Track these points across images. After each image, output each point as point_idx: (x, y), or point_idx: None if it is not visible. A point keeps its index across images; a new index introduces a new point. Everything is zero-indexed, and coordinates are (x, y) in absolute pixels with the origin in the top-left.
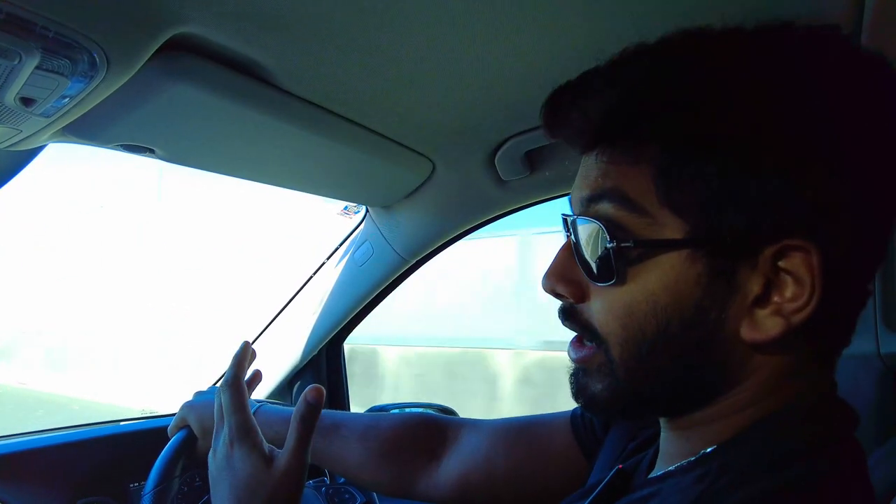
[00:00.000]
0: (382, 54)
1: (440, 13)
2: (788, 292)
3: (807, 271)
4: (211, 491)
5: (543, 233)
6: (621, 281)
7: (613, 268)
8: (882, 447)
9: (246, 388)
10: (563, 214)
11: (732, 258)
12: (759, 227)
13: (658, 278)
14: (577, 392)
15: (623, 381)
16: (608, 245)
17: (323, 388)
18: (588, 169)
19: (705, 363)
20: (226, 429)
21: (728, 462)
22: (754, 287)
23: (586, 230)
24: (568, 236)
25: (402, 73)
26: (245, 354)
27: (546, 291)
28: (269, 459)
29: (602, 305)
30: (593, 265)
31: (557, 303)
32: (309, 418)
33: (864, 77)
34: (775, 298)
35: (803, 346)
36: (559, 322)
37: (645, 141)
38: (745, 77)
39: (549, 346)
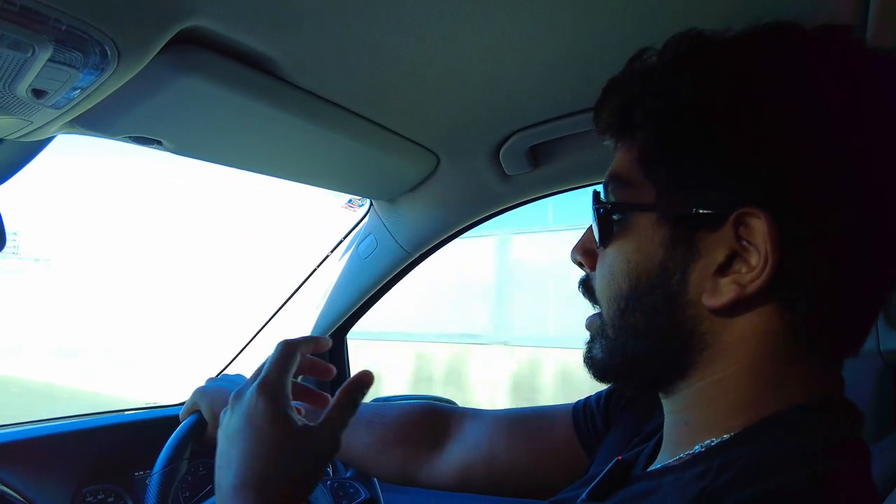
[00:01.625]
0: (389, 49)
1: (447, 8)
2: (753, 260)
3: (761, 241)
4: (220, 451)
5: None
6: (608, 243)
7: (601, 231)
8: (880, 443)
9: (297, 360)
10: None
11: (691, 226)
12: (718, 199)
13: (632, 239)
14: (585, 357)
15: (612, 339)
16: (600, 211)
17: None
18: (613, 159)
19: (672, 325)
20: (257, 384)
21: (730, 460)
22: (718, 256)
23: (593, 205)
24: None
25: (408, 67)
26: (321, 346)
27: (574, 263)
28: (300, 427)
29: (599, 270)
30: (596, 234)
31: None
32: (355, 393)
33: (796, 59)
34: (739, 267)
35: (782, 326)
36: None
37: (635, 129)
38: (703, 67)
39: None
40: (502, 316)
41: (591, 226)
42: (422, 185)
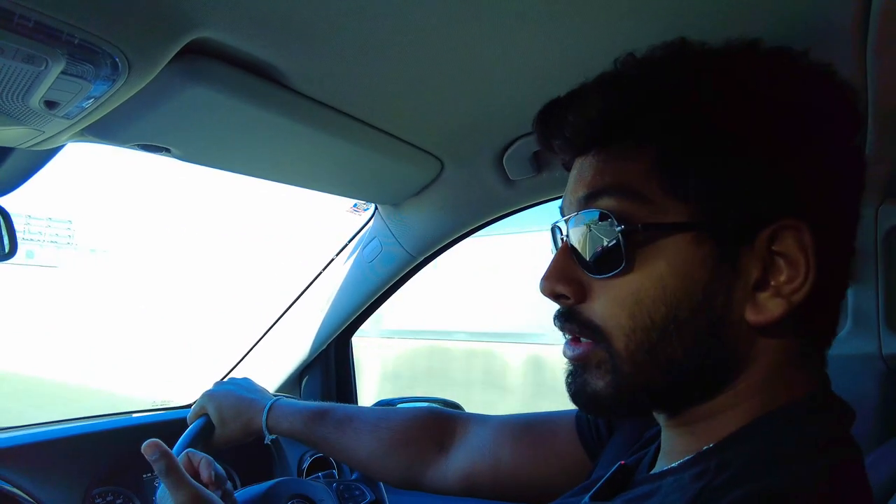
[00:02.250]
0: (394, 57)
1: (451, 16)
2: (783, 275)
3: (800, 252)
4: None
5: None
6: (629, 268)
7: (622, 254)
8: (883, 446)
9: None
10: (555, 223)
11: (735, 241)
12: (757, 210)
13: (666, 262)
14: (576, 392)
15: (628, 375)
16: (617, 229)
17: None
18: (582, 170)
19: (716, 349)
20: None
21: (727, 459)
22: (754, 271)
23: (584, 227)
24: (562, 240)
25: (412, 74)
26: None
27: (545, 295)
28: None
29: (606, 299)
30: (597, 258)
31: None
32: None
33: (815, 87)
34: (772, 282)
35: (801, 331)
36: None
37: (642, 137)
38: (734, 80)
39: None
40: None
41: (560, 253)
42: (426, 190)
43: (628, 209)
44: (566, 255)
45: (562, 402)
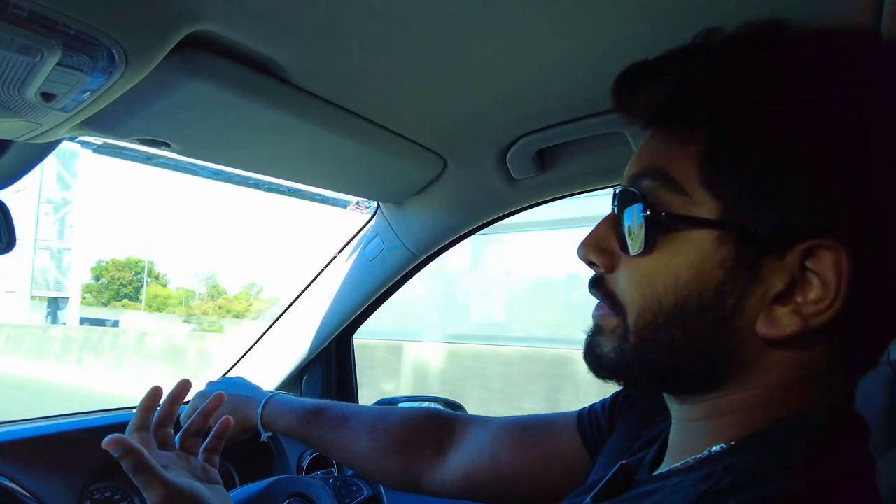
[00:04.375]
0: (396, 52)
1: (454, 12)
2: (813, 294)
3: (834, 274)
4: None
5: None
6: (649, 251)
7: (644, 237)
8: (890, 453)
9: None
10: (615, 190)
11: (759, 249)
12: (792, 223)
13: (684, 254)
14: (587, 350)
15: (632, 346)
16: (643, 214)
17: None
18: (644, 146)
19: (716, 348)
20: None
21: (733, 464)
22: (778, 283)
23: (627, 203)
24: (613, 208)
25: (415, 70)
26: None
27: (581, 259)
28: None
29: (627, 275)
30: (627, 235)
31: None
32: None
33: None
34: (798, 298)
35: (823, 352)
36: None
37: (696, 124)
38: (802, 79)
39: None
40: None
41: (604, 222)
42: (428, 188)
43: (662, 196)
44: (608, 225)
45: None
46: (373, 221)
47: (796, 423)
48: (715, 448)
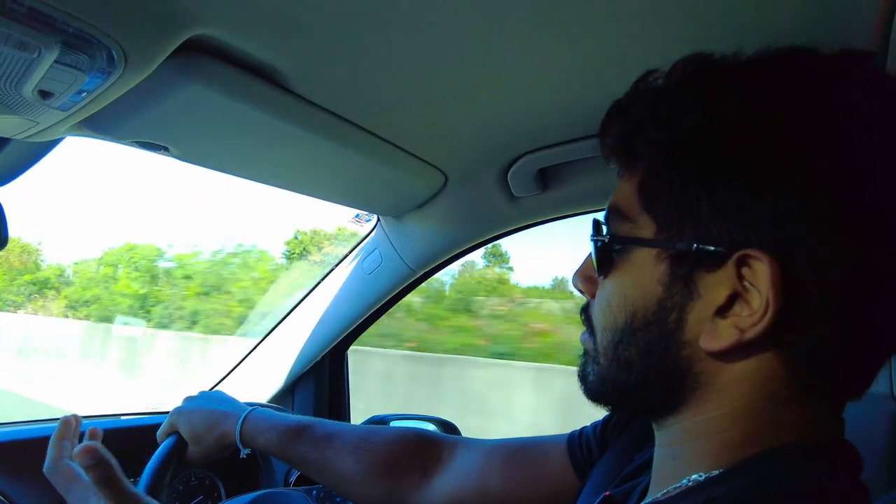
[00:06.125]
0: (399, 64)
1: (460, 28)
2: (746, 306)
3: (763, 285)
4: None
5: None
6: (606, 274)
7: (601, 262)
8: (891, 494)
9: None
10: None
11: (691, 263)
12: (717, 236)
13: (629, 273)
14: (579, 374)
15: (604, 368)
16: (599, 239)
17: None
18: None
19: (666, 363)
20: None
21: (714, 496)
22: (719, 296)
23: (593, 234)
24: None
25: (418, 84)
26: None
27: (575, 288)
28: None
29: (597, 299)
30: (595, 263)
31: None
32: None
33: (813, 88)
34: (738, 310)
35: (783, 372)
36: None
37: (636, 156)
38: (722, 103)
39: None
40: None
41: (590, 253)
42: (429, 203)
43: (615, 225)
44: (591, 256)
45: None
46: (372, 235)
47: (780, 455)
48: (694, 476)
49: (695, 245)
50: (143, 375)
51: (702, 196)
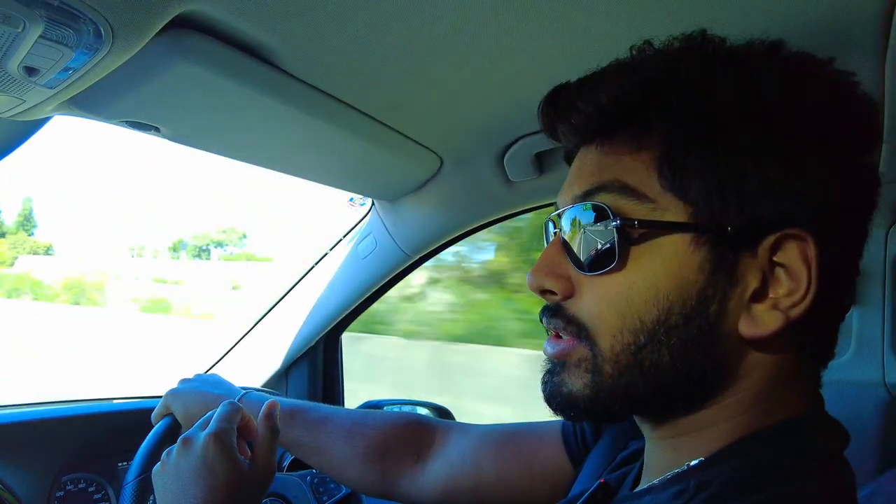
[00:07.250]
0: (392, 44)
1: (455, 7)
2: (783, 288)
3: (803, 264)
4: (167, 487)
5: None
6: (621, 266)
7: (615, 251)
8: (882, 477)
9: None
10: (549, 217)
11: (735, 247)
12: (760, 216)
13: (661, 262)
14: (552, 392)
15: (609, 376)
16: (612, 225)
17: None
18: (583, 164)
19: (705, 360)
20: (211, 434)
21: (707, 479)
22: (753, 281)
23: (578, 222)
24: (556, 233)
25: (414, 64)
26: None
27: (532, 290)
28: (246, 466)
29: (595, 296)
30: (588, 254)
31: None
32: (273, 424)
33: (836, 98)
34: (771, 294)
35: (794, 347)
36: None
37: (650, 127)
38: (753, 79)
39: None
40: None
41: (551, 246)
42: (424, 187)
43: (626, 207)
44: (557, 249)
45: None
46: (367, 219)
47: (770, 435)
48: (693, 462)
49: (736, 227)
50: None
51: (750, 171)
